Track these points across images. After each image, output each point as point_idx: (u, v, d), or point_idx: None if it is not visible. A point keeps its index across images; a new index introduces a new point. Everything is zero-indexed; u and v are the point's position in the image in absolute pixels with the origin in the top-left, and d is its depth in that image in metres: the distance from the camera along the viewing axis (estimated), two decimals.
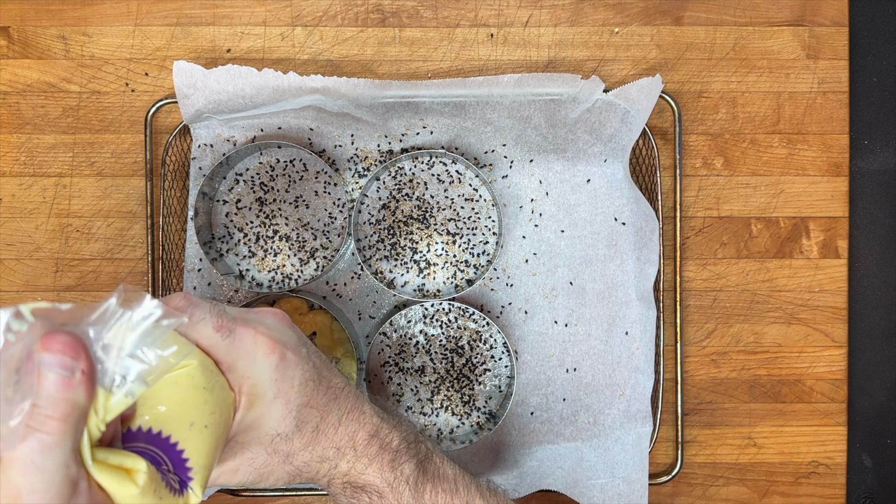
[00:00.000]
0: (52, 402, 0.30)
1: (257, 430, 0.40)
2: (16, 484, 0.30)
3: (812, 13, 0.69)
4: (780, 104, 0.69)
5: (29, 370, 0.31)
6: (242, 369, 0.39)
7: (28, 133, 0.68)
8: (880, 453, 0.71)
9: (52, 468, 0.30)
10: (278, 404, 0.40)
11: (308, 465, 0.43)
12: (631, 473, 0.65)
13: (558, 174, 0.68)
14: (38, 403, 0.30)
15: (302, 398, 0.41)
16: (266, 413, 0.40)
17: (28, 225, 0.68)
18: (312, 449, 0.42)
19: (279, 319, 0.43)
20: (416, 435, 0.48)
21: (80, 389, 0.31)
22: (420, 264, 0.67)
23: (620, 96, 0.63)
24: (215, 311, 0.39)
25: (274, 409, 0.40)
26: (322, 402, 0.42)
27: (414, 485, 0.45)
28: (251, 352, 0.39)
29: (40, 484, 0.30)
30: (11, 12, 0.68)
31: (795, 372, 0.70)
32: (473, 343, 0.68)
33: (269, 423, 0.40)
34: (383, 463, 0.45)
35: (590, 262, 0.67)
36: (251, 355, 0.39)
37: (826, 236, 0.69)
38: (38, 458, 0.30)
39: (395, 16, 0.69)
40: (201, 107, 0.63)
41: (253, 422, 0.40)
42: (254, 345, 0.39)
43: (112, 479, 0.33)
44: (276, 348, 0.40)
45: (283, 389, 0.40)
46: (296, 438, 0.41)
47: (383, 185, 0.68)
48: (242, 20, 0.68)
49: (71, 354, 0.31)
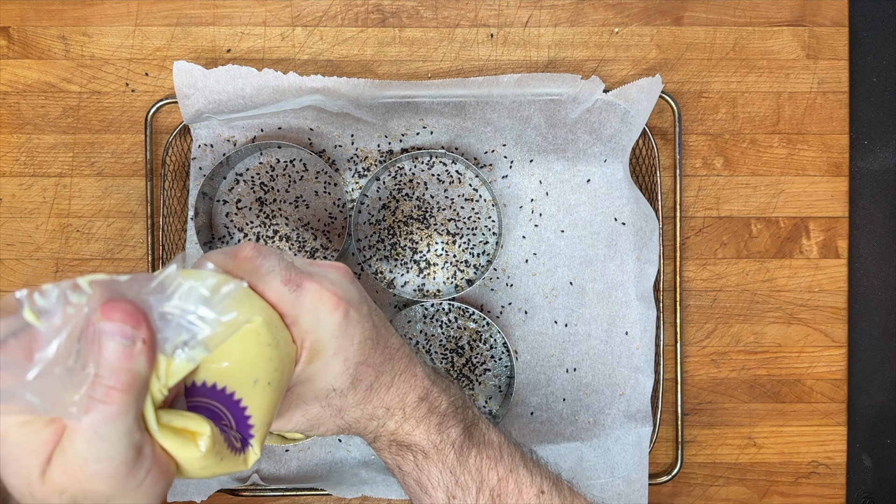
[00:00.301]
0: (113, 371, 0.30)
1: (314, 383, 0.40)
2: (81, 454, 0.30)
3: (812, 13, 0.69)
4: (780, 104, 0.69)
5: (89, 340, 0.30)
6: (306, 324, 0.39)
7: (28, 133, 0.68)
8: (880, 453, 0.71)
9: (116, 437, 0.30)
10: (337, 361, 0.40)
11: (358, 421, 0.43)
12: (631, 473, 0.65)
13: (558, 174, 0.68)
14: (100, 374, 0.30)
15: (360, 356, 0.41)
16: (324, 368, 0.40)
17: (28, 225, 0.68)
18: (364, 406, 0.43)
19: (342, 274, 0.42)
20: (464, 400, 0.48)
21: (141, 358, 0.31)
22: (420, 264, 0.67)
23: (620, 96, 0.63)
24: (284, 263, 0.39)
25: (333, 366, 0.40)
26: (378, 361, 0.42)
27: (459, 448, 0.45)
28: (316, 307, 0.39)
29: (105, 452, 0.30)
30: (11, 12, 0.68)
31: (795, 372, 0.70)
32: (473, 343, 0.68)
33: (326, 379, 0.40)
34: (430, 425, 0.45)
35: (590, 262, 0.68)
36: (315, 311, 0.39)
37: (826, 236, 0.69)
38: (102, 428, 0.30)
39: (395, 16, 0.69)
40: (201, 107, 0.63)
41: (311, 376, 0.40)
42: (319, 300, 0.39)
43: (176, 442, 0.33)
44: (341, 305, 0.39)
45: (343, 346, 0.40)
46: (350, 395, 0.41)
47: (383, 185, 0.68)
48: (242, 20, 0.68)
49: (132, 323, 0.31)
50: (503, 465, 0.47)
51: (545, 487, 0.47)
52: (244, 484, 0.66)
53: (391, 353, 0.44)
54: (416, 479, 0.46)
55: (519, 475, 0.47)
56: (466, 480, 0.45)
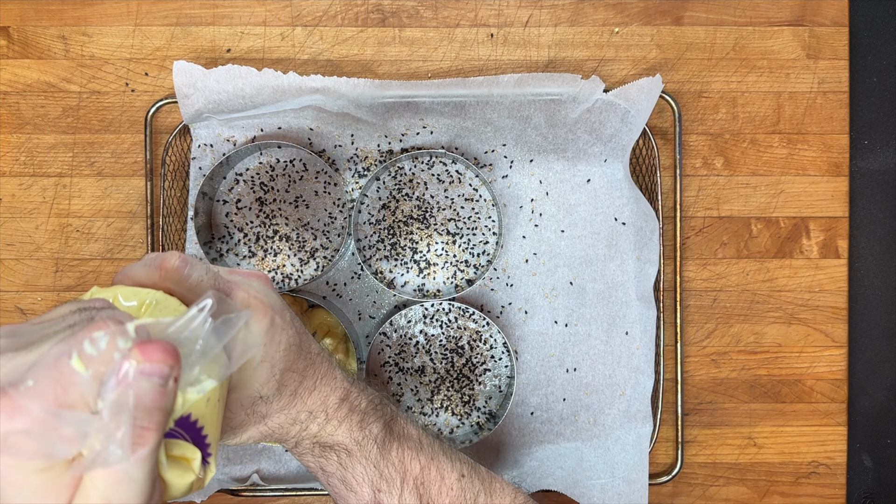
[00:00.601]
0: (148, 413, 0.30)
1: (240, 391, 0.40)
2: (107, 495, 0.30)
3: (812, 13, 0.69)
4: (780, 104, 0.69)
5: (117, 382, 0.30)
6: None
7: (28, 133, 0.68)
8: (880, 453, 0.71)
9: (143, 477, 0.30)
10: (264, 368, 0.40)
11: (281, 426, 0.44)
12: (631, 473, 0.65)
13: (558, 174, 0.68)
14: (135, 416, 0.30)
15: (285, 362, 0.41)
16: (252, 376, 0.40)
17: (28, 225, 0.68)
18: (288, 411, 0.43)
19: (264, 282, 0.43)
20: (381, 398, 0.49)
21: (171, 397, 0.31)
22: (420, 264, 0.67)
23: (620, 96, 0.63)
24: (211, 273, 0.39)
25: (259, 373, 0.40)
26: (301, 366, 0.43)
27: (381, 443, 0.47)
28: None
29: (132, 493, 0.30)
30: (11, 12, 0.68)
31: (795, 372, 0.70)
32: (473, 343, 0.68)
33: (254, 386, 0.40)
34: (352, 424, 0.46)
35: (590, 262, 0.67)
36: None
37: (826, 236, 0.69)
38: (133, 470, 0.30)
39: (395, 16, 0.69)
40: (201, 107, 0.63)
41: (239, 384, 0.40)
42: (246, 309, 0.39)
43: (176, 471, 0.33)
44: (268, 313, 0.40)
45: (270, 353, 0.40)
46: (275, 401, 0.42)
47: (383, 185, 0.68)
48: (242, 20, 0.68)
49: (170, 363, 0.31)
50: (424, 454, 0.48)
51: (465, 471, 0.49)
52: (244, 484, 0.65)
53: (312, 357, 0.44)
54: (341, 477, 0.47)
55: (440, 462, 0.48)
56: (390, 472, 0.47)
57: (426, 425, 0.67)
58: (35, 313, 0.68)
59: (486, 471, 0.51)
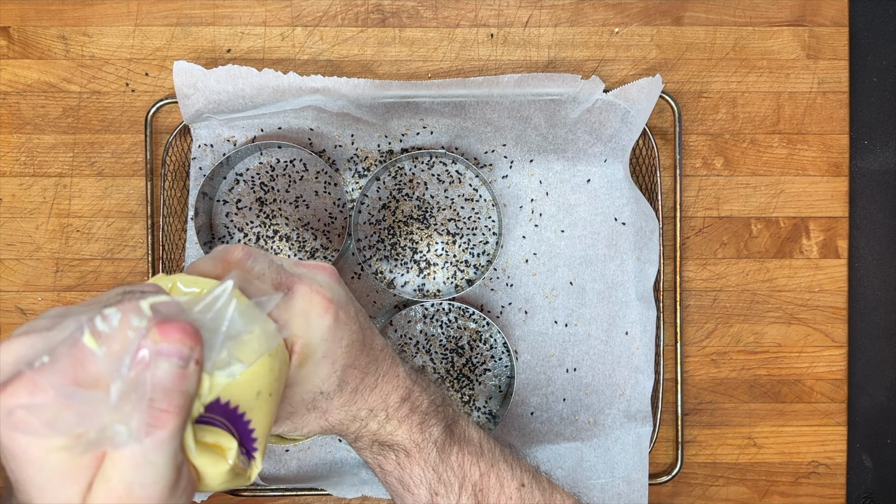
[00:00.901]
0: (167, 394, 0.29)
1: (301, 386, 0.39)
2: (127, 479, 0.29)
3: (812, 13, 0.69)
4: (780, 104, 0.69)
5: (139, 362, 0.29)
6: (296, 328, 0.38)
7: (28, 133, 0.68)
8: (880, 453, 0.71)
9: (163, 461, 0.29)
10: (325, 364, 0.39)
11: (341, 422, 0.43)
12: (631, 473, 0.65)
13: (558, 174, 0.68)
14: (153, 397, 0.29)
15: (347, 359, 0.40)
16: (313, 372, 0.39)
17: (28, 225, 0.68)
18: (348, 408, 0.42)
19: (329, 275, 0.42)
20: (444, 398, 0.48)
21: (192, 379, 0.30)
22: (420, 264, 0.67)
23: (620, 96, 0.63)
24: (274, 266, 0.39)
25: (321, 369, 0.39)
26: (364, 363, 0.42)
27: (441, 446, 0.46)
28: (306, 310, 0.38)
29: (151, 476, 0.29)
30: (11, 12, 0.68)
31: (795, 372, 0.70)
32: (473, 343, 0.68)
33: (314, 382, 0.40)
34: (412, 425, 0.45)
35: (590, 262, 0.68)
36: (306, 314, 0.38)
37: (826, 236, 0.69)
38: (152, 453, 0.29)
39: (395, 16, 0.69)
40: (201, 107, 0.63)
41: (299, 379, 0.39)
42: (309, 303, 0.38)
43: (208, 459, 0.32)
44: (331, 308, 0.39)
45: (332, 349, 0.39)
46: (336, 397, 0.41)
47: (383, 185, 0.68)
48: (242, 20, 0.68)
49: (189, 343, 0.30)
50: (484, 460, 0.47)
51: (525, 480, 0.48)
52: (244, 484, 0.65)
53: (375, 354, 0.43)
54: (399, 477, 0.46)
55: (500, 470, 0.47)
56: (449, 477, 0.46)
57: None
58: (35, 313, 0.68)
59: (548, 480, 0.50)
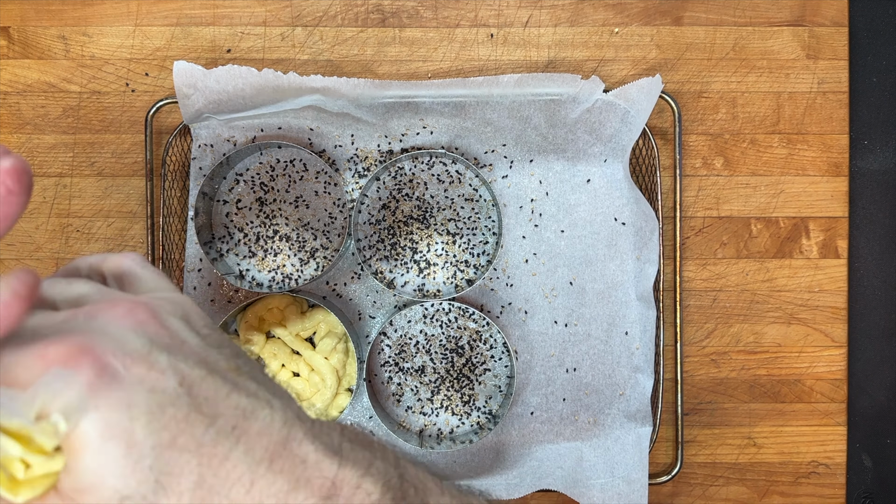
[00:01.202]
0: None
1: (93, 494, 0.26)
2: None
3: (812, 13, 0.69)
4: (779, 104, 0.69)
5: None
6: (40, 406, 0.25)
7: (28, 133, 0.68)
8: (880, 453, 0.71)
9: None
10: (111, 449, 0.25)
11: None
12: (631, 473, 0.65)
13: (558, 174, 0.68)
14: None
15: (158, 435, 0.26)
16: (96, 467, 0.25)
17: (28, 225, 0.68)
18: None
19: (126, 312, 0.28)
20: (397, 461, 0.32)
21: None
22: (420, 264, 0.67)
23: (620, 96, 0.63)
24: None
25: (107, 459, 0.25)
26: (205, 438, 0.26)
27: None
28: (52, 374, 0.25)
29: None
30: (11, 12, 0.68)
31: (795, 372, 0.70)
32: (473, 343, 0.68)
33: (106, 482, 0.25)
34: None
35: (590, 262, 0.68)
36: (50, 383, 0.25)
37: (826, 236, 0.69)
38: None
39: (395, 16, 0.69)
40: (201, 107, 0.63)
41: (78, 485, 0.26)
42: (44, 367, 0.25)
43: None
44: (83, 360, 0.25)
45: (113, 423, 0.25)
46: (161, 500, 0.26)
47: (383, 185, 0.68)
48: (242, 20, 0.68)
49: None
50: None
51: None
52: None
53: (237, 420, 0.27)
54: None
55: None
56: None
57: (426, 426, 0.67)
58: None
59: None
